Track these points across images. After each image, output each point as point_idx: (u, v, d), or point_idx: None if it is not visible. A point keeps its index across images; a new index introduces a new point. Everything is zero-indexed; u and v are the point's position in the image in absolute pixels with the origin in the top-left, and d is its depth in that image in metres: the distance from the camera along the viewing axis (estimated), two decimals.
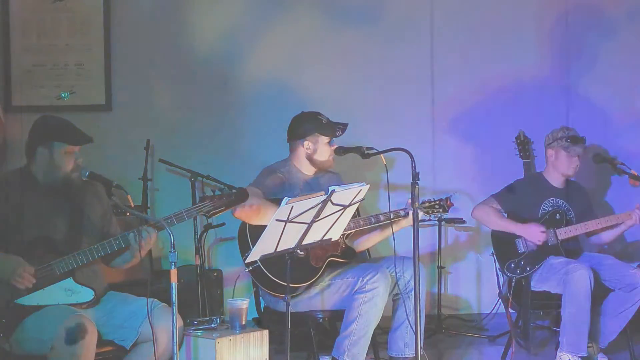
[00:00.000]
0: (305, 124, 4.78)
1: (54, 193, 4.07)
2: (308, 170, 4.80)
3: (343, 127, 4.76)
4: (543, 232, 5.11)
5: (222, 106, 6.11)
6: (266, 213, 4.34)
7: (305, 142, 4.76)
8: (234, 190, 4.10)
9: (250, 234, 4.44)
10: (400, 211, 4.71)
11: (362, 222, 4.70)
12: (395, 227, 4.69)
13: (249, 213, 4.37)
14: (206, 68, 6.08)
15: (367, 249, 5.07)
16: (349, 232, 4.70)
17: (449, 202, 4.91)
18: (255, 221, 4.41)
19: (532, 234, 5.13)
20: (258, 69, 6.12)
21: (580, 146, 5.28)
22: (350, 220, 4.58)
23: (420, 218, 4.70)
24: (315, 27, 6.18)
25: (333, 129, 4.75)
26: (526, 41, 6.31)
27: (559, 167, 5.33)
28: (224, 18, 6.11)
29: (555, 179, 5.35)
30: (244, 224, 4.51)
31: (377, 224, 4.74)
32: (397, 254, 4.64)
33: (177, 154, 5.81)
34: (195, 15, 6.08)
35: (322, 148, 4.75)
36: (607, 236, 5.33)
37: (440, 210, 4.89)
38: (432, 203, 4.88)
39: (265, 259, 4.20)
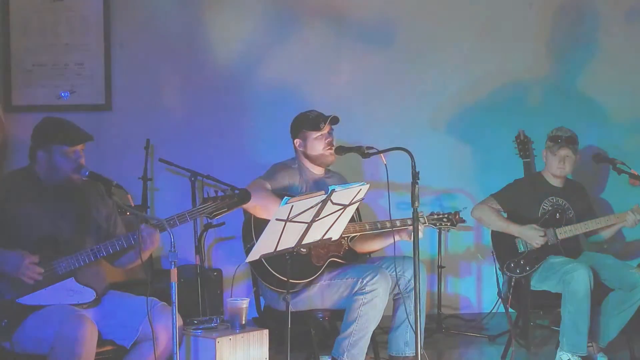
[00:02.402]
0: (295, 123, 4.81)
1: (58, 193, 4.08)
2: (315, 169, 4.81)
3: (326, 119, 4.73)
4: (542, 236, 5.11)
5: (223, 106, 6.11)
6: (274, 208, 4.33)
7: (296, 140, 4.78)
8: (236, 191, 4.10)
9: (255, 225, 4.45)
10: (408, 220, 4.71)
11: (367, 227, 4.71)
12: (397, 237, 4.68)
13: (258, 207, 4.40)
14: (206, 68, 6.08)
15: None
16: (353, 234, 4.71)
17: (457, 217, 4.92)
18: (264, 215, 4.42)
19: (531, 236, 5.13)
20: (259, 68, 6.12)
21: (565, 147, 5.25)
22: (355, 224, 4.60)
23: (426, 226, 4.74)
24: (317, 30, 6.17)
25: (318, 122, 4.75)
26: (526, 40, 6.32)
27: (548, 167, 5.34)
28: (224, 17, 6.10)
29: (553, 179, 5.35)
30: (249, 218, 4.52)
31: (382, 230, 4.74)
32: (398, 254, 4.64)
33: (177, 153, 5.81)
34: (195, 15, 6.08)
35: (311, 143, 4.75)
36: (606, 234, 5.33)
37: (449, 224, 4.89)
38: (441, 216, 4.88)
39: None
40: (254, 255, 3.99)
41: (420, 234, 4.41)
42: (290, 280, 4.06)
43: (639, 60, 6.33)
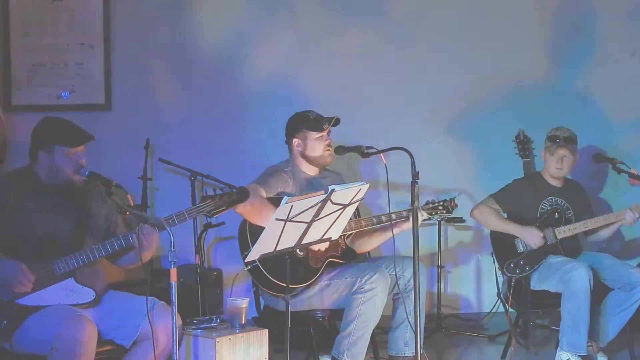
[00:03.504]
0: (294, 122, 4.79)
1: (58, 193, 4.08)
2: (309, 169, 4.80)
3: (329, 120, 4.73)
4: (541, 237, 5.11)
5: (222, 105, 6.12)
6: (267, 214, 4.33)
7: (295, 140, 4.76)
8: (234, 190, 4.10)
9: (250, 233, 4.44)
10: (403, 212, 4.70)
11: (363, 223, 4.69)
12: (396, 230, 4.67)
13: (250, 211, 4.38)
14: (206, 67, 6.08)
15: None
16: (350, 232, 4.70)
17: (452, 204, 4.87)
18: (255, 220, 4.42)
19: (530, 237, 5.12)
20: (259, 68, 6.13)
21: (562, 147, 5.25)
22: (351, 221, 4.59)
23: (423, 219, 4.71)
24: (316, 28, 6.18)
25: (320, 123, 4.74)
26: (525, 40, 6.32)
27: (546, 167, 5.34)
28: (224, 17, 6.11)
29: (552, 178, 5.35)
30: (244, 222, 4.52)
31: (379, 225, 4.74)
32: (397, 254, 4.64)
33: (176, 153, 5.81)
34: (195, 15, 6.08)
35: (311, 143, 4.74)
36: (605, 233, 5.33)
37: (444, 211, 4.86)
38: (436, 204, 4.85)
39: (264, 260, 4.21)
40: (253, 254, 3.99)
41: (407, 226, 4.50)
42: (290, 285, 4.06)
43: (638, 59, 6.33)
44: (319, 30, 6.18)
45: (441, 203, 4.85)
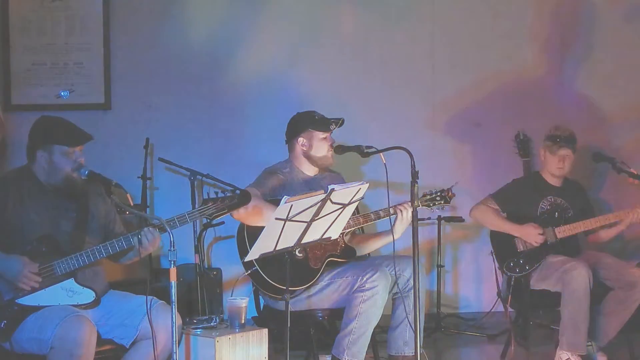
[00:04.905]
0: (298, 122, 4.78)
1: (57, 193, 4.07)
2: (309, 170, 4.79)
3: (337, 121, 4.74)
4: (541, 234, 5.11)
5: (222, 105, 6.11)
6: (266, 215, 4.33)
7: (300, 139, 4.75)
8: (237, 192, 4.09)
9: (248, 236, 4.43)
10: (399, 206, 4.70)
11: (362, 220, 4.70)
12: (397, 234, 4.66)
13: (248, 214, 4.37)
14: (206, 67, 6.08)
15: None
16: (348, 230, 4.70)
17: (450, 193, 4.85)
18: (255, 222, 4.41)
19: (530, 235, 5.12)
20: (257, 68, 6.12)
21: (564, 147, 5.24)
22: (350, 218, 4.58)
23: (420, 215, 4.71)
24: (314, 25, 6.18)
25: (326, 123, 4.72)
26: (526, 40, 6.32)
27: (547, 167, 5.33)
28: (223, 17, 6.11)
29: (551, 178, 5.34)
30: (242, 227, 4.51)
31: (377, 219, 4.74)
32: (397, 253, 4.64)
33: (176, 152, 5.81)
34: (194, 15, 6.07)
35: (317, 143, 4.74)
36: (606, 235, 5.32)
37: (442, 202, 4.84)
38: (433, 195, 4.83)
39: (263, 264, 4.20)
40: (253, 254, 3.99)
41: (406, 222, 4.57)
42: (290, 287, 4.05)
43: (638, 58, 6.33)
44: (318, 30, 6.18)
45: (438, 193, 4.84)
